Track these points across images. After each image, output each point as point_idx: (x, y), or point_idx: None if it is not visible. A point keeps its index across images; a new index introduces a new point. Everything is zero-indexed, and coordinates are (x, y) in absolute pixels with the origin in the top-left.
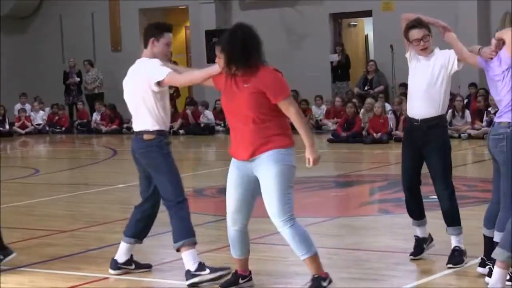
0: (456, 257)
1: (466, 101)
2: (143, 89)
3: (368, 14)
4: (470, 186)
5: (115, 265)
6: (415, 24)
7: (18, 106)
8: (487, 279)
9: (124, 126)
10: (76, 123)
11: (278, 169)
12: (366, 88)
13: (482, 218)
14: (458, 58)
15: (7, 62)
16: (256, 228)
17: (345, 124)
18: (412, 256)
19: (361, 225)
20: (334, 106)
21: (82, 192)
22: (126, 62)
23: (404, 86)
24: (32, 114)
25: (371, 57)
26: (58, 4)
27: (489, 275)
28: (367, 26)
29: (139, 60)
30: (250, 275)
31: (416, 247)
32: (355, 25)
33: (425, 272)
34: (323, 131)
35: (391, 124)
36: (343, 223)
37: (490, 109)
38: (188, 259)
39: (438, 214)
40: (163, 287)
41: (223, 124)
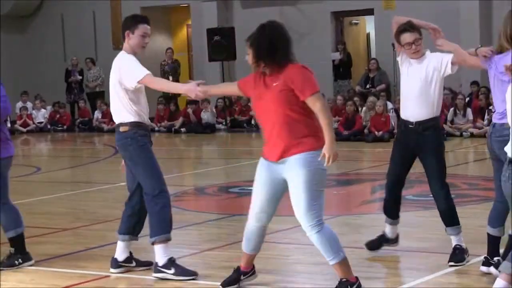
0: (458, 255)
1: (467, 99)
2: (116, 83)
3: (369, 12)
4: (472, 184)
5: (115, 263)
6: (407, 28)
7: (19, 104)
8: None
9: None
10: (78, 121)
11: (307, 173)
12: (368, 86)
13: (483, 217)
14: (460, 63)
15: (7, 61)
16: None
17: (345, 123)
18: (366, 246)
19: (362, 223)
20: (336, 105)
21: (83, 190)
22: None
23: None
24: (33, 112)
25: (373, 55)
26: (59, 3)
27: (496, 266)
28: (368, 25)
29: (118, 54)
30: (253, 269)
31: (376, 241)
32: (356, 23)
33: (426, 270)
34: None
35: (393, 123)
36: (344, 221)
37: (491, 107)
38: (159, 253)
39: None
40: (163, 285)
41: (224, 123)
